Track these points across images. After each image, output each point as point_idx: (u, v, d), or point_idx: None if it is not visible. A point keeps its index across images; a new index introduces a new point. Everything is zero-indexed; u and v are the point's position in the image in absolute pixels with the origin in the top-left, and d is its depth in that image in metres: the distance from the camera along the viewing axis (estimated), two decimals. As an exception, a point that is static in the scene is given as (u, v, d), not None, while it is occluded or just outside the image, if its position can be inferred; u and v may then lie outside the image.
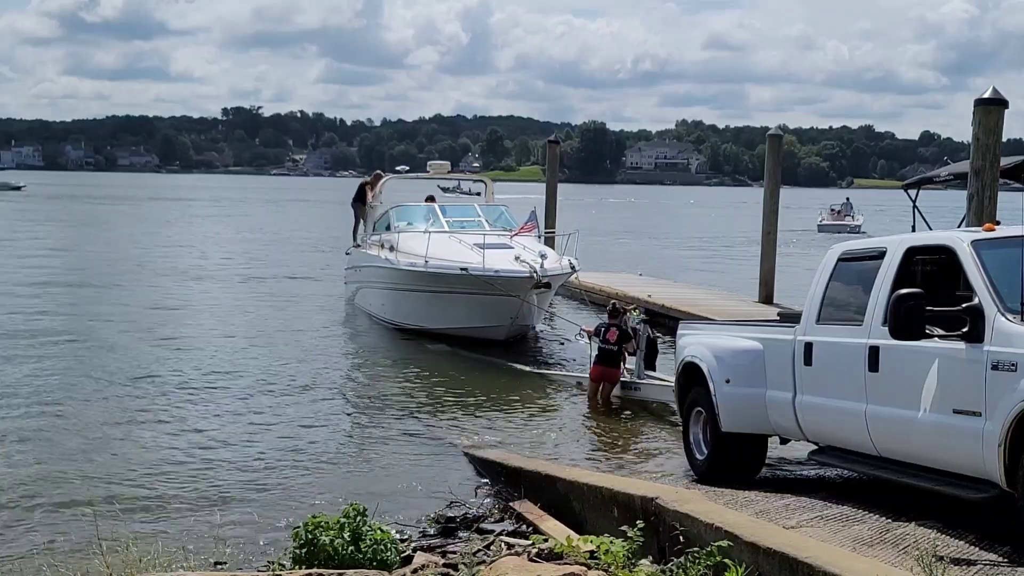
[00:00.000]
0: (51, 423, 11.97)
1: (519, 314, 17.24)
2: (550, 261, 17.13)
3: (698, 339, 8.93)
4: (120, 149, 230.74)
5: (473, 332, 17.39)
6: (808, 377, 7.56)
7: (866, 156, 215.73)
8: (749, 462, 8.40)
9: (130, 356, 16.41)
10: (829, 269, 7.74)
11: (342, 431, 12.10)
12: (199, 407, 12.98)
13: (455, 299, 17.50)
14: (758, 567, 5.52)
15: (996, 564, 5.43)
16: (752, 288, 21.72)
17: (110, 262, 32.87)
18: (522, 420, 12.71)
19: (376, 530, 6.55)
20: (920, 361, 6.30)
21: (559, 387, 14.82)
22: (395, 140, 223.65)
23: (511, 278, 16.59)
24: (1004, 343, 5.77)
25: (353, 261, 22.97)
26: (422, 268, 17.58)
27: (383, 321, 19.94)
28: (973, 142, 11.96)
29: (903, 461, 6.65)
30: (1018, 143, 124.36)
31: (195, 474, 10.03)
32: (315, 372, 15.64)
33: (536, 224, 19.45)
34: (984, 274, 6.16)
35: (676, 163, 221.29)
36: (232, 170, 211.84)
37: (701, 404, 8.56)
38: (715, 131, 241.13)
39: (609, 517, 7.24)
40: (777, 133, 22.53)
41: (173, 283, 27.48)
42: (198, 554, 7.27)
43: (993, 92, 12.00)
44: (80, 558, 6.99)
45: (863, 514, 6.60)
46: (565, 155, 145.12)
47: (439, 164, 27.26)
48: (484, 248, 16.96)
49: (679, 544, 6.11)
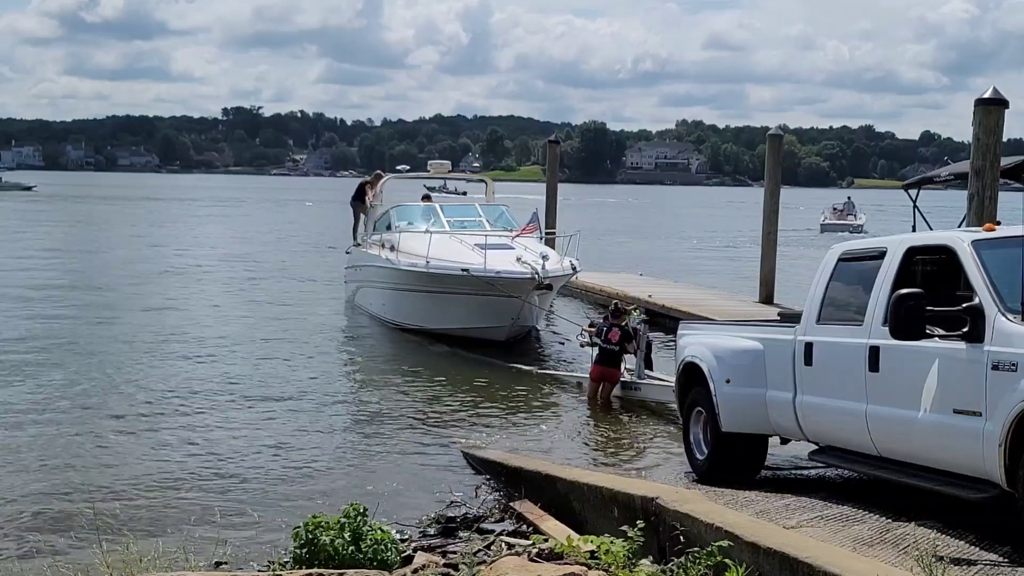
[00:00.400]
0: (52, 424, 11.97)
1: (520, 315, 17.26)
2: (551, 262, 17.14)
3: (698, 339, 8.93)
4: (120, 149, 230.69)
5: (474, 332, 17.40)
6: (808, 377, 7.56)
7: (866, 156, 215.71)
8: (749, 462, 8.40)
9: (131, 358, 16.40)
10: (829, 269, 7.74)
11: (343, 431, 12.09)
12: (199, 407, 12.97)
13: (456, 300, 17.51)
14: (758, 567, 5.52)
15: (996, 564, 5.42)
16: (753, 288, 21.74)
17: (108, 265, 32.91)
18: (522, 420, 12.71)
19: (376, 530, 6.55)
20: (920, 361, 6.30)
21: (559, 387, 14.82)
22: (395, 140, 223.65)
23: (513, 279, 16.60)
24: (1004, 343, 5.77)
25: (353, 261, 22.98)
26: (423, 268, 17.59)
27: (384, 321, 19.95)
28: (973, 142, 11.95)
29: (903, 461, 6.65)
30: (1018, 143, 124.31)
31: (196, 474, 10.03)
32: (316, 372, 15.64)
33: (538, 225, 19.47)
34: (984, 274, 6.16)
35: (676, 163, 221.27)
36: (232, 170, 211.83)
37: (701, 404, 8.56)
38: (715, 131, 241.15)
39: (609, 517, 7.24)
40: (777, 133, 22.53)
41: (174, 284, 27.48)
42: (199, 554, 7.26)
43: (993, 92, 12.00)
44: (81, 557, 6.99)
45: (863, 514, 6.60)
46: (565, 155, 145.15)
47: (439, 164, 27.27)
48: (485, 249, 16.97)
49: (679, 544, 6.12)
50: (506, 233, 19.01)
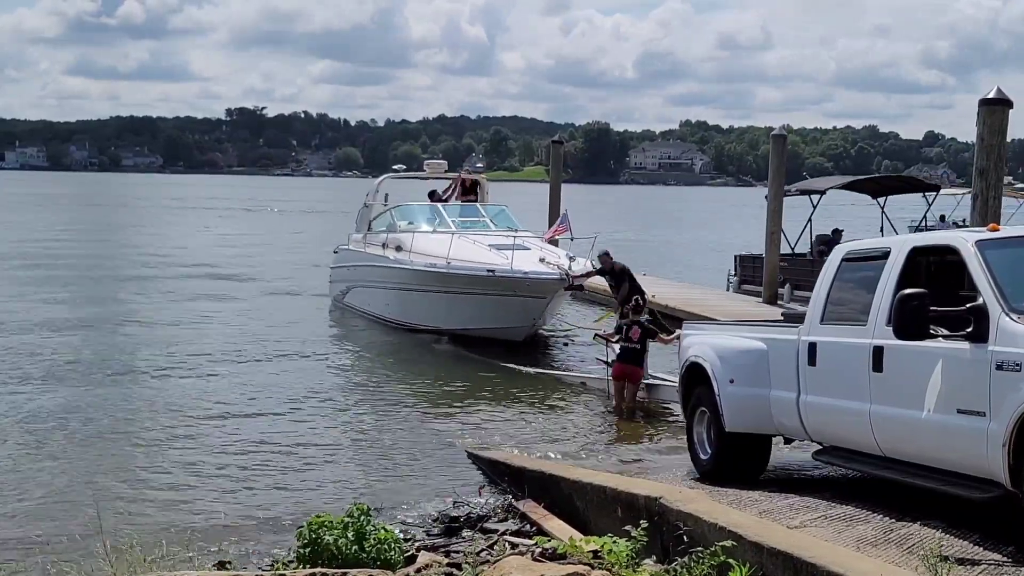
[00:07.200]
0: (53, 425, 11.99)
1: (542, 316, 17.33)
2: (578, 263, 17.16)
3: (702, 339, 8.93)
4: (124, 150, 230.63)
5: (493, 333, 17.39)
6: (812, 377, 7.55)
7: (870, 156, 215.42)
8: (753, 462, 8.39)
9: (132, 358, 16.44)
10: (833, 269, 7.73)
11: (345, 431, 12.10)
12: (201, 408, 12.99)
13: (475, 300, 17.47)
14: (762, 567, 5.52)
15: (1000, 564, 5.42)
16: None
17: (114, 265, 32.94)
18: (526, 420, 12.71)
19: (380, 529, 6.56)
20: (924, 361, 6.29)
21: (564, 387, 14.82)
22: (399, 140, 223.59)
23: (542, 280, 16.61)
24: (1008, 343, 5.76)
25: (344, 260, 22.85)
26: (444, 269, 17.55)
27: (387, 321, 19.91)
28: (977, 142, 11.97)
29: (907, 461, 6.64)
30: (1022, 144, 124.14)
31: (198, 475, 10.05)
32: (317, 372, 15.67)
33: (568, 226, 19.01)
34: (988, 274, 6.15)
35: (680, 163, 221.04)
36: (236, 170, 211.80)
37: (705, 404, 8.55)
38: (719, 131, 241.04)
39: (613, 517, 7.23)
40: (781, 133, 22.52)
41: (175, 286, 27.51)
42: (202, 554, 7.27)
43: (998, 92, 12.01)
44: (84, 558, 7.00)
45: (867, 514, 6.59)
46: (569, 155, 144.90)
47: (436, 164, 27.23)
48: (512, 250, 16.90)
49: (683, 544, 6.11)
50: (524, 233, 18.98)
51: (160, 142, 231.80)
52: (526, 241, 18.18)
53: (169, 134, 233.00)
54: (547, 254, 17.41)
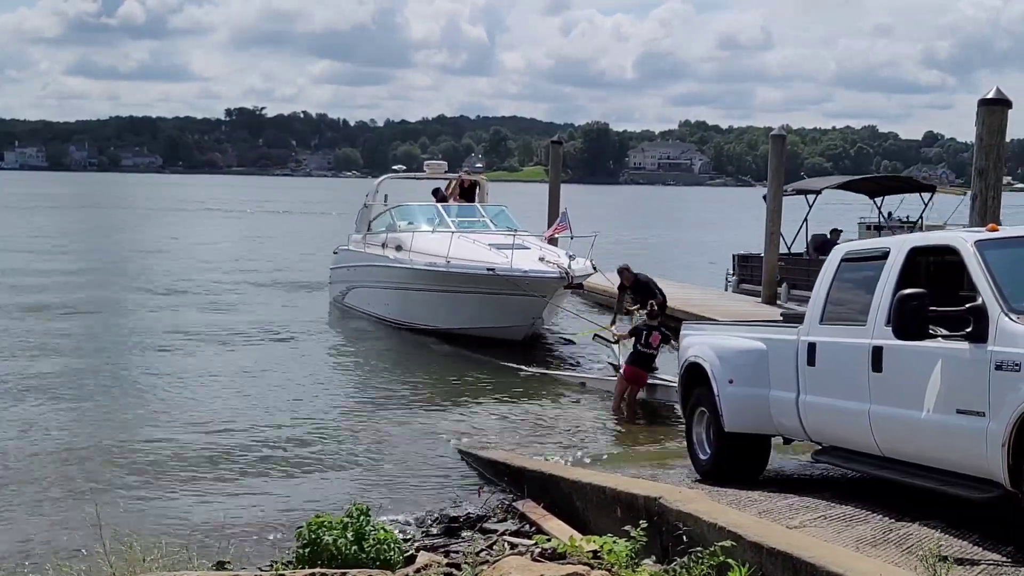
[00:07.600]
0: (53, 425, 11.99)
1: (542, 315, 17.32)
2: (577, 263, 17.16)
3: (701, 339, 8.93)
4: (124, 150, 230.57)
5: (493, 332, 17.39)
6: (812, 377, 7.56)
7: (869, 157, 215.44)
8: (752, 462, 8.39)
9: (132, 358, 16.43)
10: (833, 269, 7.73)
11: (345, 431, 12.09)
12: (201, 408, 12.99)
13: (475, 299, 17.48)
14: (761, 567, 5.52)
15: (1000, 564, 5.42)
16: (755, 288, 21.73)
17: (116, 270, 32.95)
18: (526, 420, 12.71)
19: (379, 530, 6.55)
20: (924, 361, 6.29)
21: (563, 387, 14.82)
22: (398, 141, 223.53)
23: (542, 279, 16.61)
24: (1008, 343, 5.77)
25: (343, 260, 22.85)
26: (444, 268, 17.55)
27: (386, 321, 19.91)
28: (977, 142, 11.97)
29: (907, 461, 6.64)
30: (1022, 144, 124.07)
31: (198, 475, 10.04)
32: (317, 373, 15.66)
33: (568, 225, 19.04)
34: (988, 274, 6.15)
35: (679, 163, 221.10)
36: (235, 170, 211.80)
37: (704, 404, 8.56)
38: (718, 131, 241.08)
39: (612, 517, 7.23)
40: (780, 134, 22.52)
41: (174, 287, 27.50)
42: (201, 554, 7.27)
43: (997, 92, 12.01)
44: (84, 558, 7.00)
45: (867, 514, 6.59)
46: (568, 155, 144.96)
47: (436, 164, 27.24)
48: (512, 249, 16.89)
49: (682, 544, 6.11)
50: (524, 233, 18.99)
51: (160, 142, 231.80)
52: (526, 240, 18.18)
53: (169, 134, 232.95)
54: (547, 253, 17.43)
